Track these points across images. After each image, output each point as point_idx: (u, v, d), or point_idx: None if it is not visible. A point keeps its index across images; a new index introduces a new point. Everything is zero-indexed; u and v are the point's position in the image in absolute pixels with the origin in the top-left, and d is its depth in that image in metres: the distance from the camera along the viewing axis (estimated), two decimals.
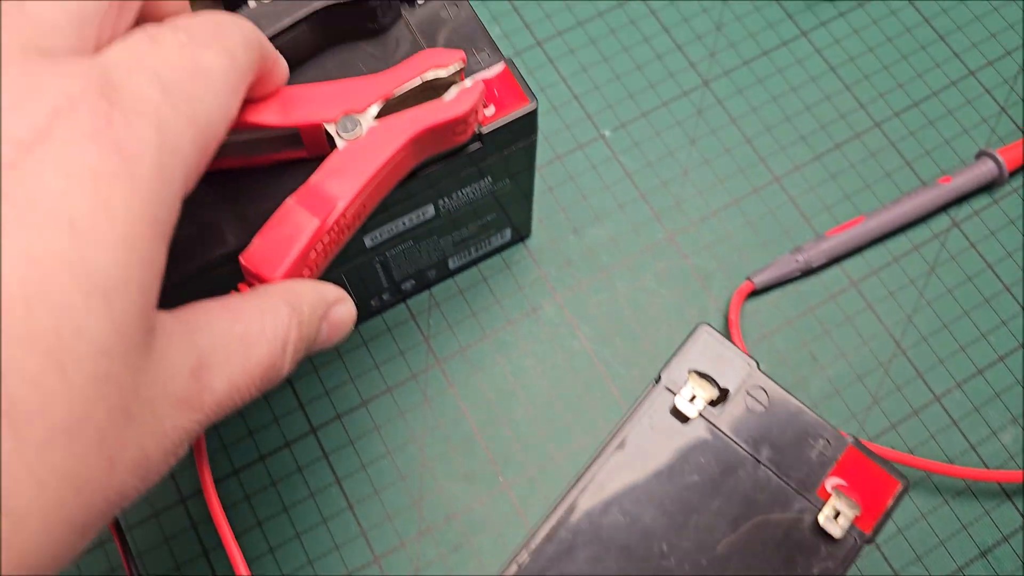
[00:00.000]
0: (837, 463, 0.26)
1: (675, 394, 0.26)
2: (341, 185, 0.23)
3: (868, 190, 0.40)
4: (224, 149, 0.25)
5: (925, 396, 0.37)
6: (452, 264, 0.37)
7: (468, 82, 0.26)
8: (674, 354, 0.27)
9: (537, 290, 0.38)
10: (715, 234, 0.40)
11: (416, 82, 0.26)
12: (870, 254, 0.39)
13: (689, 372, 0.26)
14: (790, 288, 0.39)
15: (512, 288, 0.38)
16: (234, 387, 0.19)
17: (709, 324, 0.27)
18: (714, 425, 0.26)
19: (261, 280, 0.22)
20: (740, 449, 0.26)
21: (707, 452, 0.26)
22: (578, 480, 0.26)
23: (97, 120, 0.16)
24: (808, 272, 0.39)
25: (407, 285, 0.37)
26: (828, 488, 0.25)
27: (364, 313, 0.37)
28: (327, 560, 0.34)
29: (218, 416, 0.19)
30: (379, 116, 0.25)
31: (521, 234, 0.38)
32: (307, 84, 0.25)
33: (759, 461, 0.26)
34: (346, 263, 0.32)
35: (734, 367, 0.27)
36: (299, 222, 0.22)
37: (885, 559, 0.35)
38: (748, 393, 0.26)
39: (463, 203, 0.32)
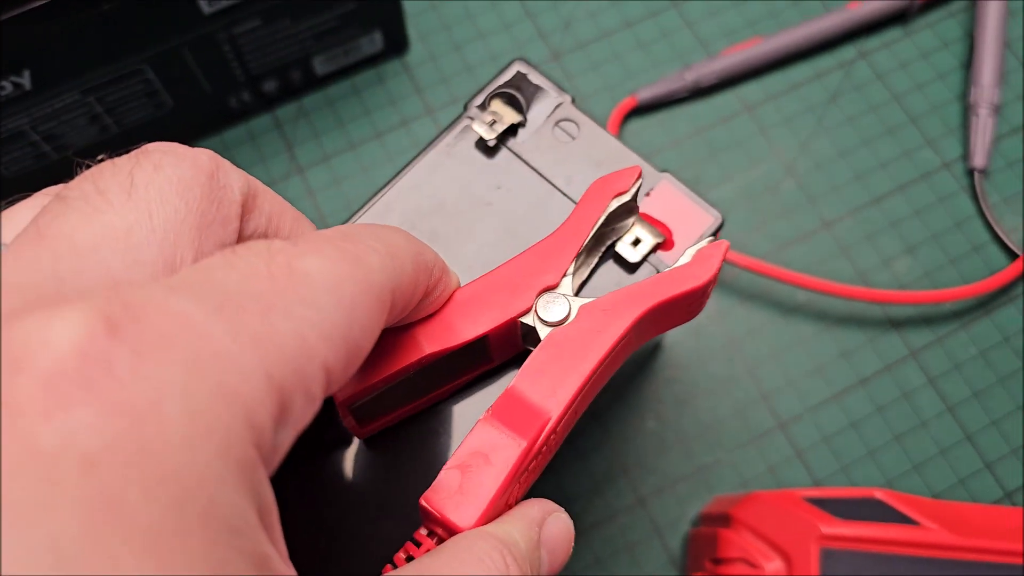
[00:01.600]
0: (648, 195, 0.23)
1: (474, 120, 0.24)
2: (551, 390, 0.18)
3: (773, 18, 0.38)
4: (391, 399, 0.20)
5: (814, 222, 0.35)
6: (319, 68, 0.36)
7: (705, 243, 0.21)
8: (485, 85, 0.25)
9: (410, 105, 0.37)
10: (603, 55, 0.37)
11: (600, 220, 0.21)
12: (768, 81, 0.37)
13: (493, 95, 0.24)
14: (679, 109, 0.37)
15: (384, 101, 0.37)
16: None
17: (527, 60, 0.25)
18: (516, 155, 0.24)
19: (449, 530, 0.17)
20: (542, 180, 0.24)
21: (508, 182, 0.24)
22: (370, 203, 0.24)
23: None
24: (699, 93, 0.37)
25: (269, 86, 0.35)
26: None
27: (224, 115, 0.36)
28: None
29: None
30: (577, 288, 0.21)
31: (396, 44, 0.37)
32: (474, 281, 0.20)
33: (563, 193, 0.23)
34: (184, 33, 0.31)
35: (547, 98, 0.24)
36: (498, 448, 0.17)
37: (755, 383, 0.32)
38: (558, 125, 0.24)
39: None
